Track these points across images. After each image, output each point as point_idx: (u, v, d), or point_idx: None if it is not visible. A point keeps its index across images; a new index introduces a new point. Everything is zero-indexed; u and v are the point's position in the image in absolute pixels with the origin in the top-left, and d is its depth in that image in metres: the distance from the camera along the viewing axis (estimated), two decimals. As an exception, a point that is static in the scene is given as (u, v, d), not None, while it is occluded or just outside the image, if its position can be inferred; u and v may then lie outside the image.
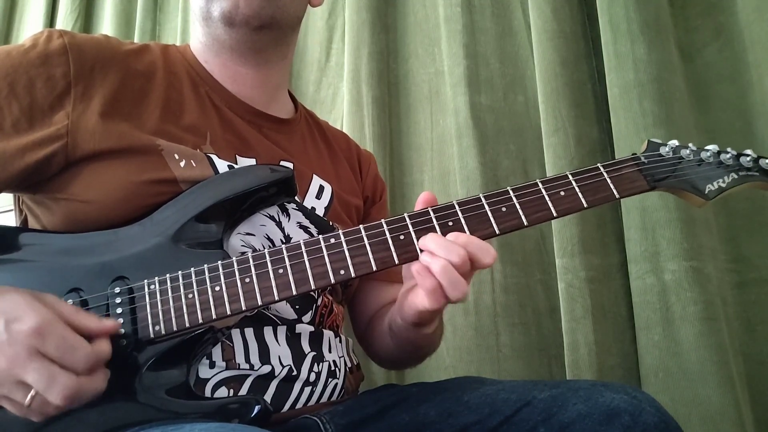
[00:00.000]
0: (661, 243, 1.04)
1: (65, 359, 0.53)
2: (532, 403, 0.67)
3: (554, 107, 1.16)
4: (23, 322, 0.53)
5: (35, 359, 0.53)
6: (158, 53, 0.81)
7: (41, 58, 0.69)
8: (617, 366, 1.09)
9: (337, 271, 0.64)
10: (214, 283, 0.64)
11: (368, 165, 1.00)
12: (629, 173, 0.68)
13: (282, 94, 0.91)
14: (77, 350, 0.54)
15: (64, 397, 0.53)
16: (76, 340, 0.55)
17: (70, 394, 0.53)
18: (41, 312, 0.54)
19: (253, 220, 0.74)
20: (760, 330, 1.06)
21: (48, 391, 0.53)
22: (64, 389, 0.53)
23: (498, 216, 0.66)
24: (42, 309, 0.55)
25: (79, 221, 0.69)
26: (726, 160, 0.70)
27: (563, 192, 0.67)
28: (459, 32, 1.32)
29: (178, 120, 0.75)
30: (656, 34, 1.11)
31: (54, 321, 0.54)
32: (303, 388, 0.72)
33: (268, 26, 0.79)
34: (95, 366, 0.56)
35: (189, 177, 0.70)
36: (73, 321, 0.56)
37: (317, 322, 0.78)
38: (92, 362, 0.55)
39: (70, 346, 0.54)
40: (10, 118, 0.67)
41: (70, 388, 0.53)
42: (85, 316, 0.58)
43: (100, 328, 0.58)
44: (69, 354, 0.54)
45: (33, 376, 0.53)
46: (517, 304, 1.20)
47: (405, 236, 0.65)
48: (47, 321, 0.54)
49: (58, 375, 0.53)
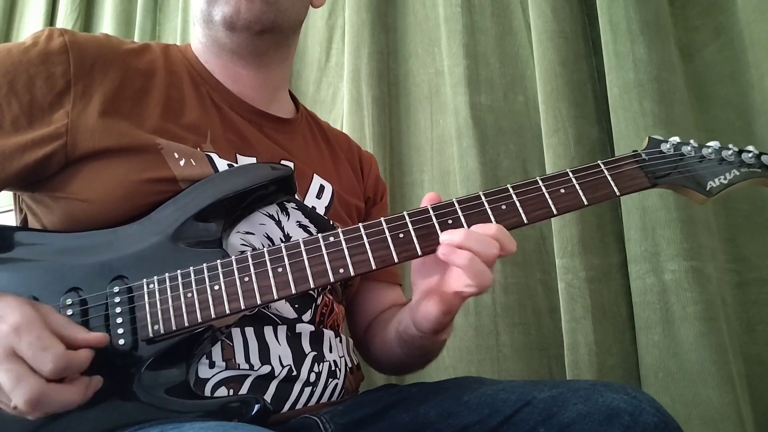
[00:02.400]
0: (661, 243, 1.04)
1: (36, 360, 0.53)
2: (532, 403, 0.67)
3: (554, 107, 1.16)
4: (5, 321, 0.54)
5: (8, 359, 0.53)
6: (159, 53, 0.81)
7: (41, 56, 0.69)
8: (617, 366, 1.08)
9: (336, 269, 0.64)
10: (213, 282, 0.64)
11: (369, 166, 1.00)
12: (630, 170, 0.68)
13: (283, 94, 0.90)
14: (48, 351, 0.53)
15: (26, 400, 0.52)
16: (50, 341, 0.54)
17: (34, 398, 0.52)
18: (25, 312, 0.54)
19: (252, 219, 0.74)
20: (760, 330, 1.05)
21: (13, 392, 0.52)
22: (27, 392, 0.52)
23: (498, 214, 0.65)
24: (28, 311, 0.55)
25: (79, 220, 0.69)
26: (728, 156, 0.69)
27: (563, 189, 0.66)
28: (459, 32, 1.32)
29: (179, 119, 0.75)
30: (656, 34, 1.11)
31: (34, 322, 0.54)
32: (303, 389, 0.72)
33: (270, 31, 0.78)
34: (65, 371, 0.54)
35: (188, 176, 0.70)
36: (57, 327, 0.56)
37: (317, 322, 0.78)
38: (61, 366, 0.53)
39: (42, 346, 0.53)
40: (9, 116, 0.67)
41: (33, 392, 0.52)
42: (73, 327, 0.58)
43: (84, 338, 0.58)
44: (39, 355, 0.53)
45: (2, 376, 0.52)
46: (517, 304, 1.20)
47: (404, 234, 0.65)
48: (27, 320, 0.54)
49: (24, 377, 0.52)
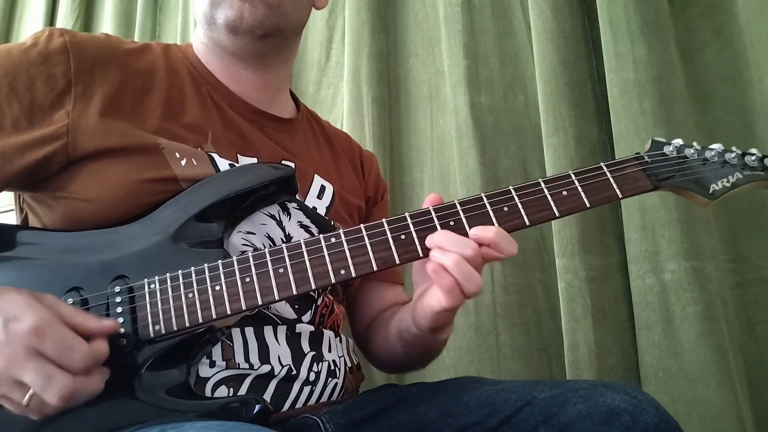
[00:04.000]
0: (661, 243, 1.04)
1: (63, 359, 0.53)
2: (532, 403, 0.67)
3: (554, 107, 1.16)
4: (22, 322, 0.53)
5: (33, 359, 0.53)
6: (159, 52, 0.81)
7: (42, 56, 0.69)
8: (617, 366, 1.08)
9: (337, 270, 0.64)
10: (215, 282, 0.64)
11: (370, 165, 1.00)
12: (632, 173, 0.68)
13: (284, 94, 0.90)
14: (75, 350, 0.54)
15: (60, 397, 0.53)
16: (74, 340, 0.54)
17: (67, 395, 0.53)
18: (40, 312, 0.54)
19: (253, 219, 0.74)
20: (760, 330, 1.05)
21: (45, 391, 0.53)
22: (61, 390, 0.53)
23: (500, 216, 0.65)
24: (41, 309, 0.55)
25: (80, 220, 0.69)
26: (731, 159, 0.69)
27: (565, 192, 0.66)
28: (459, 32, 1.32)
29: (180, 118, 0.75)
30: (656, 34, 1.11)
31: (53, 321, 0.54)
32: (302, 388, 0.72)
33: (272, 35, 0.79)
34: (93, 366, 0.55)
35: (190, 176, 0.70)
36: (71, 321, 0.56)
37: (317, 322, 0.78)
38: (90, 362, 0.55)
39: (68, 346, 0.54)
40: (10, 116, 0.67)
41: (66, 389, 0.53)
42: (84, 316, 0.58)
43: (99, 328, 0.58)
44: (67, 354, 0.53)
45: (30, 377, 0.53)
46: (517, 304, 1.20)
47: (406, 236, 0.65)
48: (46, 321, 0.54)
49: (55, 375, 0.53)
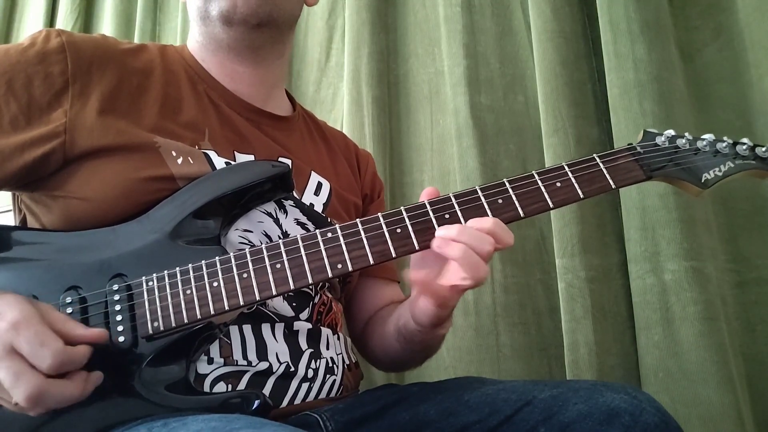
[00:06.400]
0: (661, 243, 1.04)
1: (35, 357, 0.53)
2: (532, 402, 0.67)
3: (554, 107, 1.16)
4: (4, 318, 0.54)
5: (7, 356, 0.53)
6: (156, 52, 0.81)
7: (39, 56, 0.69)
8: (617, 366, 1.08)
9: (334, 265, 0.64)
10: (212, 279, 0.64)
11: (366, 163, 1.00)
12: (625, 163, 0.68)
13: (279, 92, 0.91)
14: (46, 347, 0.53)
15: (26, 396, 0.52)
16: (48, 337, 0.54)
17: (34, 394, 0.52)
18: (25, 310, 0.55)
19: (250, 217, 0.74)
20: (760, 330, 1.05)
21: (13, 389, 0.52)
22: (27, 389, 0.52)
23: (494, 208, 0.66)
24: (27, 308, 0.55)
25: (77, 219, 0.69)
26: (722, 148, 0.70)
27: (559, 183, 0.67)
28: (459, 32, 1.32)
29: (176, 117, 0.75)
30: (656, 34, 1.11)
31: (32, 318, 0.54)
32: (301, 385, 0.72)
33: (266, 24, 0.79)
34: (64, 366, 0.54)
35: (186, 174, 0.70)
36: (55, 323, 0.56)
37: (315, 320, 0.78)
38: (60, 362, 0.54)
39: (39, 341, 0.53)
40: (8, 115, 0.67)
41: (34, 388, 0.52)
42: (73, 324, 0.58)
43: (83, 335, 0.58)
44: (38, 351, 0.53)
45: (3, 373, 0.53)
46: (517, 304, 1.20)
47: (402, 229, 0.65)
48: (26, 317, 0.54)
49: (24, 373, 0.53)
